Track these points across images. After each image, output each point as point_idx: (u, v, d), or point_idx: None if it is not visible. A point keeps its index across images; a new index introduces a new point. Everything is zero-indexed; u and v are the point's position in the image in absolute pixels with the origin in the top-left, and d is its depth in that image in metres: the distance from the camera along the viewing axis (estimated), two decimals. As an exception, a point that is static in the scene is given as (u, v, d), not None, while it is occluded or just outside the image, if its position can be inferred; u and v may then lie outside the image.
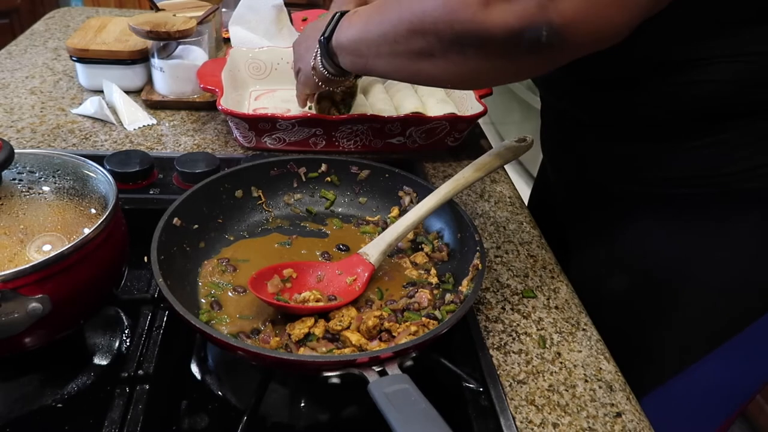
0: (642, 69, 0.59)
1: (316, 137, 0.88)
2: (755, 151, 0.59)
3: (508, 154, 0.65)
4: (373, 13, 0.60)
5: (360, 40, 0.62)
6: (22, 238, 0.56)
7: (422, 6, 0.51)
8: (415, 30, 0.52)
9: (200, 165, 0.78)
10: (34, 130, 0.93)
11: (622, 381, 0.59)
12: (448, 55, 0.52)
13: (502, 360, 0.60)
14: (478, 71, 0.53)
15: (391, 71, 0.61)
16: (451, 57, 0.52)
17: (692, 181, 0.62)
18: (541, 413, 0.54)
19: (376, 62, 0.60)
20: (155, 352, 0.55)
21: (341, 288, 0.60)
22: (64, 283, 0.50)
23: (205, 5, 1.09)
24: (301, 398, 0.58)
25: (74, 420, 0.52)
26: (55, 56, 1.19)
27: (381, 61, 0.60)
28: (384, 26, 0.57)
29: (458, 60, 0.51)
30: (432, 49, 0.52)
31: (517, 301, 0.67)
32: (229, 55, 0.98)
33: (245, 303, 0.58)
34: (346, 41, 0.64)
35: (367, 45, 0.61)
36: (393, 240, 0.62)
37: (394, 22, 0.55)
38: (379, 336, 0.55)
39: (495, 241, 0.76)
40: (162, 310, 0.59)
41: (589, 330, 0.64)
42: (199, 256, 0.63)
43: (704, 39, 0.55)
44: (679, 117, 0.60)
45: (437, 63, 0.53)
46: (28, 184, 0.60)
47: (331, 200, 0.73)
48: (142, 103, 1.02)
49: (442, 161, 0.92)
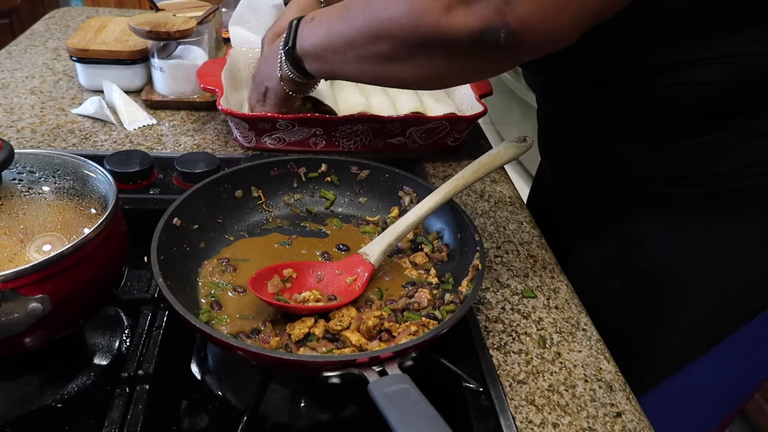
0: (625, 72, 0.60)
1: (316, 137, 0.88)
2: (745, 151, 0.59)
3: (508, 154, 0.65)
4: (335, 19, 0.61)
5: (325, 47, 0.63)
6: (22, 238, 0.56)
7: (387, 12, 0.53)
8: (381, 35, 0.55)
9: (200, 165, 0.78)
10: (34, 130, 0.93)
11: (622, 381, 0.59)
12: (414, 58, 0.54)
13: (502, 360, 0.60)
14: (444, 72, 0.55)
15: (359, 75, 0.62)
16: (418, 59, 0.54)
17: (686, 181, 0.62)
18: (541, 413, 0.54)
19: (343, 67, 0.62)
20: (155, 352, 0.55)
21: (341, 288, 0.60)
22: (64, 283, 0.50)
23: (205, 5, 1.09)
24: (301, 398, 0.58)
25: (74, 420, 0.52)
26: (55, 56, 1.19)
27: (348, 66, 0.62)
28: (350, 32, 0.59)
29: (424, 62, 0.54)
30: (398, 53, 0.55)
31: (517, 301, 0.67)
32: (229, 55, 0.98)
33: (245, 303, 0.58)
34: (311, 47, 0.66)
35: (333, 51, 0.62)
36: (393, 240, 0.62)
37: (360, 28, 0.57)
38: (379, 336, 0.55)
39: (495, 241, 0.76)
40: (162, 310, 0.59)
41: (589, 330, 0.64)
42: (199, 256, 0.63)
43: (687, 41, 0.55)
44: (667, 118, 0.61)
45: (404, 65, 0.56)
46: (28, 184, 0.60)
47: (331, 200, 0.73)
48: (142, 103, 1.02)
49: (442, 161, 0.92)
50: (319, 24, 0.64)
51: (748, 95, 0.57)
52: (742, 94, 0.57)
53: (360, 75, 0.62)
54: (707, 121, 0.59)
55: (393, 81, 0.60)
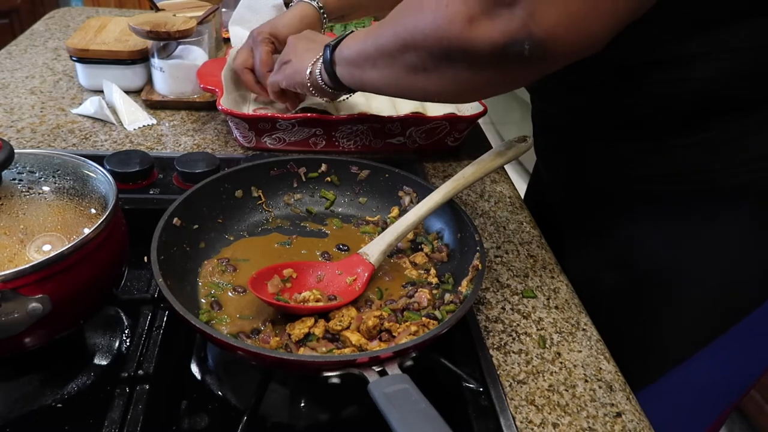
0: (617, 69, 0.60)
1: (316, 137, 0.88)
2: (740, 147, 0.59)
3: (508, 154, 0.66)
4: (373, 29, 0.62)
5: (359, 52, 0.64)
6: (22, 238, 0.56)
7: (414, 22, 0.54)
8: (408, 45, 0.55)
9: (200, 165, 0.78)
10: (34, 130, 0.93)
11: (622, 381, 0.59)
12: (440, 69, 0.54)
13: (502, 360, 0.60)
14: (469, 84, 0.55)
15: (386, 85, 0.62)
16: (443, 71, 0.54)
17: (681, 178, 0.63)
18: (541, 413, 0.54)
19: (372, 74, 0.63)
20: (155, 352, 0.55)
21: (341, 288, 0.60)
22: (64, 283, 0.50)
23: (205, 5, 1.09)
24: (301, 398, 0.58)
25: (74, 420, 0.52)
26: (55, 56, 1.19)
27: (376, 74, 0.62)
28: (380, 40, 0.59)
29: (450, 74, 0.54)
30: (424, 64, 0.55)
31: (517, 301, 0.67)
32: (229, 55, 0.98)
33: (245, 303, 0.58)
34: (348, 52, 0.67)
35: (365, 57, 0.63)
36: (393, 240, 0.62)
37: (390, 37, 0.58)
38: (379, 336, 0.55)
39: (495, 241, 0.76)
40: (162, 310, 0.59)
41: (589, 330, 0.64)
42: (199, 256, 0.63)
43: (679, 38, 0.56)
44: (662, 116, 0.61)
45: (430, 77, 0.56)
46: (28, 184, 0.60)
47: (331, 200, 0.73)
48: (142, 103, 1.02)
49: (442, 161, 0.92)
50: (361, 33, 0.66)
51: (740, 91, 0.57)
52: (734, 91, 0.57)
53: (387, 84, 0.62)
54: (700, 119, 0.59)
55: (420, 92, 0.61)
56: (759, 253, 0.66)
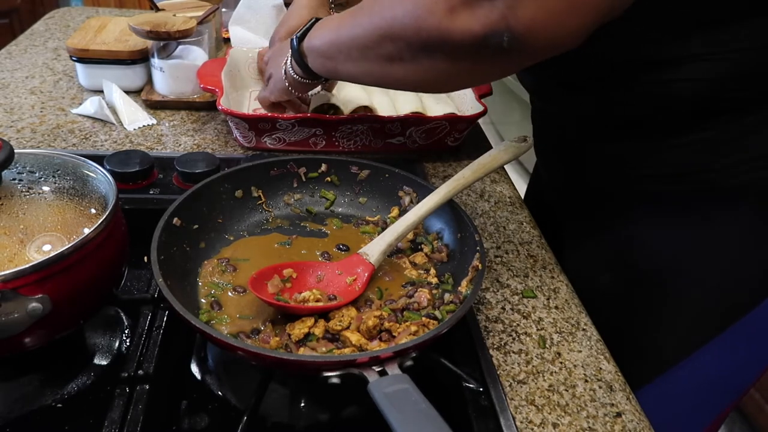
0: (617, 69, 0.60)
1: (316, 137, 0.88)
2: (739, 147, 0.59)
3: (508, 153, 0.66)
4: (345, 18, 0.62)
5: (331, 43, 0.64)
6: (22, 238, 0.56)
7: (392, 12, 0.53)
8: (385, 35, 0.55)
9: (200, 165, 0.78)
10: (34, 130, 0.93)
11: (622, 381, 0.59)
12: (417, 60, 0.54)
13: (502, 360, 0.60)
14: (447, 74, 0.55)
15: (361, 75, 0.62)
16: (420, 61, 0.54)
17: (680, 178, 0.63)
18: (541, 413, 0.55)
19: (347, 65, 0.62)
20: (155, 352, 0.55)
21: (341, 288, 0.60)
22: (64, 283, 0.50)
23: (205, 5, 1.09)
24: (301, 398, 0.58)
25: (74, 420, 0.52)
26: (55, 56, 1.19)
27: (351, 65, 0.61)
28: (355, 30, 0.59)
29: (427, 64, 0.54)
30: (402, 54, 0.55)
31: (517, 301, 0.67)
32: (229, 55, 0.98)
33: (245, 303, 0.58)
34: (318, 43, 0.66)
35: (338, 48, 0.62)
36: (393, 240, 0.62)
37: (366, 27, 0.57)
38: (379, 336, 0.55)
39: (495, 241, 0.76)
40: (162, 310, 0.59)
41: (589, 330, 0.64)
42: (199, 256, 0.63)
43: (679, 38, 0.56)
44: (661, 115, 0.61)
45: (407, 67, 0.55)
46: (28, 184, 0.60)
47: (331, 200, 0.73)
48: (142, 103, 1.02)
49: (442, 161, 0.92)
50: (329, 22, 0.65)
51: (739, 92, 0.57)
52: (733, 91, 0.57)
53: (363, 74, 0.62)
54: (699, 119, 0.59)
55: (395, 82, 0.60)
56: (759, 253, 0.67)
